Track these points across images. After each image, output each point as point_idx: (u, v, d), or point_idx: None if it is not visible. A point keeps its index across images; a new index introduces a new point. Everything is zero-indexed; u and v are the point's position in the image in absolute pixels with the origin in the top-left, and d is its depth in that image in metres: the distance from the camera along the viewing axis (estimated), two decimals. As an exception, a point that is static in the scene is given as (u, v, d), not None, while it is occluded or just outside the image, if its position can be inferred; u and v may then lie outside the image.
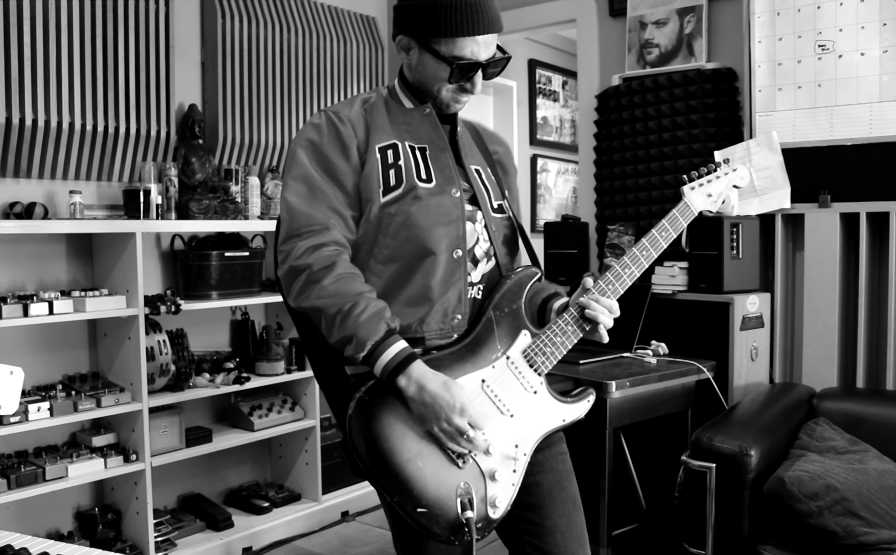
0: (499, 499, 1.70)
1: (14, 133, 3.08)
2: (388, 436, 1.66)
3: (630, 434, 3.05)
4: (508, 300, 1.81)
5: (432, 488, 1.66)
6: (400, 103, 1.87)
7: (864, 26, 3.05)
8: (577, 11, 3.99)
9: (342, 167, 1.76)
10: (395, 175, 1.77)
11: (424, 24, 1.75)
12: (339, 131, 1.78)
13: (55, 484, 3.00)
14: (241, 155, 3.87)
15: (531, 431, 1.76)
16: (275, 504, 3.78)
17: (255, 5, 3.90)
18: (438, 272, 1.76)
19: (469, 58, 1.75)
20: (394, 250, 1.76)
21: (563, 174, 6.41)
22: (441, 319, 1.77)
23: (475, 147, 1.95)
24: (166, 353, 3.30)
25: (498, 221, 1.87)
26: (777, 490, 2.42)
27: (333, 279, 1.68)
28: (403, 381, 1.65)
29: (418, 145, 1.82)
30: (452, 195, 1.80)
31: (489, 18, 1.74)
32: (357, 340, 1.65)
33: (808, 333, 3.20)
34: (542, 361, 1.78)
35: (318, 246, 1.70)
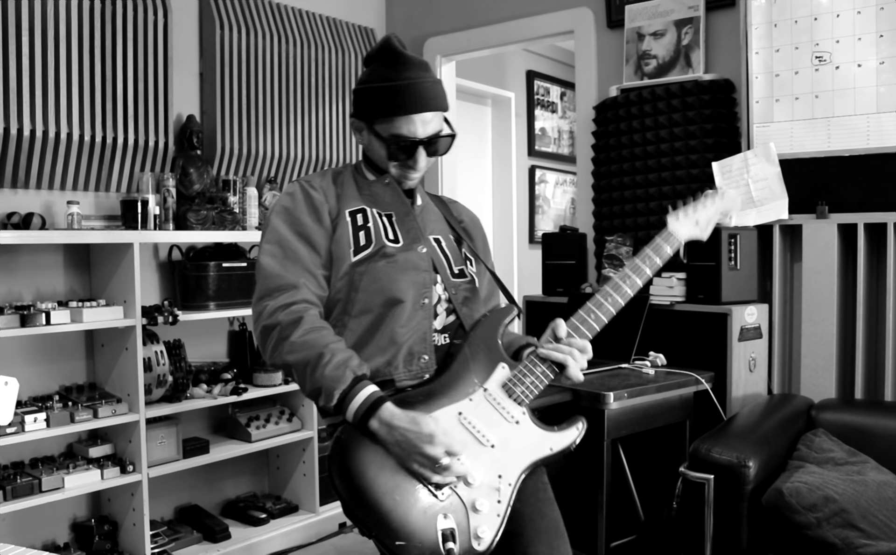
0: (482, 530, 1.68)
1: (12, 143, 3.08)
2: (365, 472, 1.69)
3: (628, 445, 3.05)
4: (484, 336, 1.87)
5: (411, 521, 1.66)
6: (364, 177, 2.02)
7: (861, 38, 3.06)
8: (575, 23, 4.00)
9: (314, 229, 1.89)
10: (364, 236, 1.90)
11: (368, 108, 1.93)
12: (312, 197, 1.92)
13: (51, 495, 2.99)
14: (239, 166, 3.87)
15: (515, 461, 1.76)
16: (272, 515, 3.77)
17: (254, 16, 3.91)
18: (404, 318, 1.86)
19: (407, 136, 1.89)
20: (365, 303, 1.86)
21: (561, 185, 6.41)
22: (407, 361, 1.85)
23: (439, 219, 2.08)
24: (164, 363, 3.29)
25: (458, 284, 1.97)
26: (775, 502, 2.41)
27: (301, 334, 1.76)
28: (375, 423, 1.69)
29: (385, 212, 1.96)
30: (419, 251, 1.93)
31: (424, 98, 1.88)
32: (325, 390, 1.72)
33: (807, 344, 3.19)
34: (522, 392, 1.81)
35: (288, 305, 1.80)
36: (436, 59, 4.52)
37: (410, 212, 1.98)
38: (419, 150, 1.92)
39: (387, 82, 1.89)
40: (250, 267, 3.68)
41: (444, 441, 1.66)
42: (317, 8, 4.27)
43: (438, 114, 1.93)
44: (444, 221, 2.08)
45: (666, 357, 3.09)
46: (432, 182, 4.53)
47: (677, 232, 2.03)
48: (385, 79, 1.90)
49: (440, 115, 1.94)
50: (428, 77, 1.92)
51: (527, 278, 5.91)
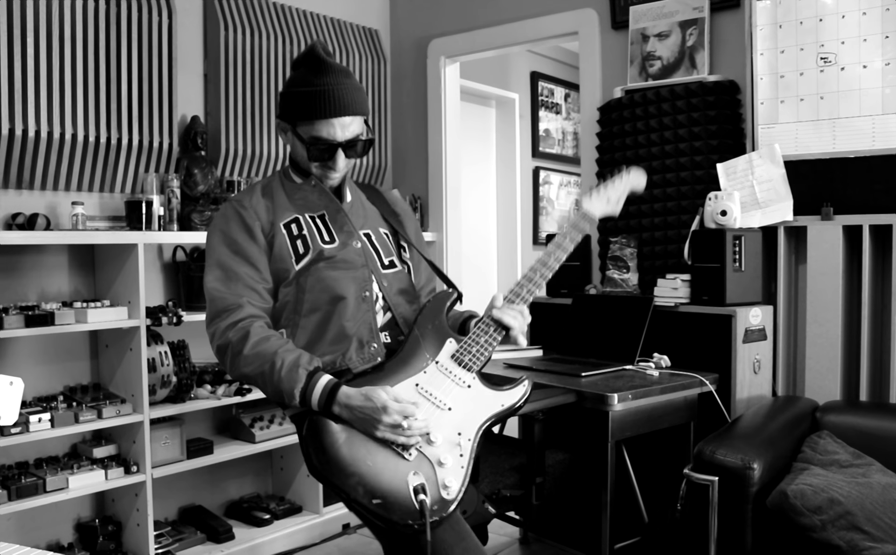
0: (448, 480, 1.84)
1: (17, 144, 3.09)
2: (337, 446, 1.87)
3: (632, 447, 3.04)
4: (430, 318, 2.05)
5: (385, 481, 1.82)
6: (292, 181, 2.16)
7: (867, 39, 3.06)
8: (580, 24, 4.00)
9: (250, 247, 2.04)
10: (302, 244, 2.06)
11: (291, 110, 2.07)
12: (243, 216, 2.06)
13: (56, 495, 2.99)
14: (244, 166, 3.87)
15: (472, 418, 1.93)
16: (276, 516, 3.77)
17: (258, 17, 3.91)
18: (349, 312, 2.04)
19: (325, 138, 2.03)
20: (312, 303, 2.04)
21: (565, 187, 6.41)
22: (358, 350, 2.03)
23: (369, 211, 2.24)
24: (168, 364, 3.30)
25: (390, 276, 2.15)
26: (780, 504, 2.41)
27: (251, 346, 1.93)
28: (336, 409, 1.88)
29: (317, 214, 2.11)
30: (354, 246, 2.10)
31: (342, 103, 2.02)
32: (285, 393, 1.90)
33: (811, 346, 3.19)
34: (471, 359, 1.99)
35: (235, 323, 1.97)
36: (440, 60, 4.52)
37: (340, 209, 2.13)
38: (338, 152, 2.06)
39: (308, 87, 2.02)
40: (254, 268, 3.69)
41: (396, 407, 1.84)
42: (321, 9, 4.27)
43: (357, 118, 2.07)
44: (376, 213, 2.24)
45: (670, 359, 3.09)
46: (437, 184, 4.53)
47: (591, 210, 2.26)
48: (307, 84, 2.03)
49: (360, 119, 2.08)
50: (348, 82, 2.05)
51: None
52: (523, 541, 3.69)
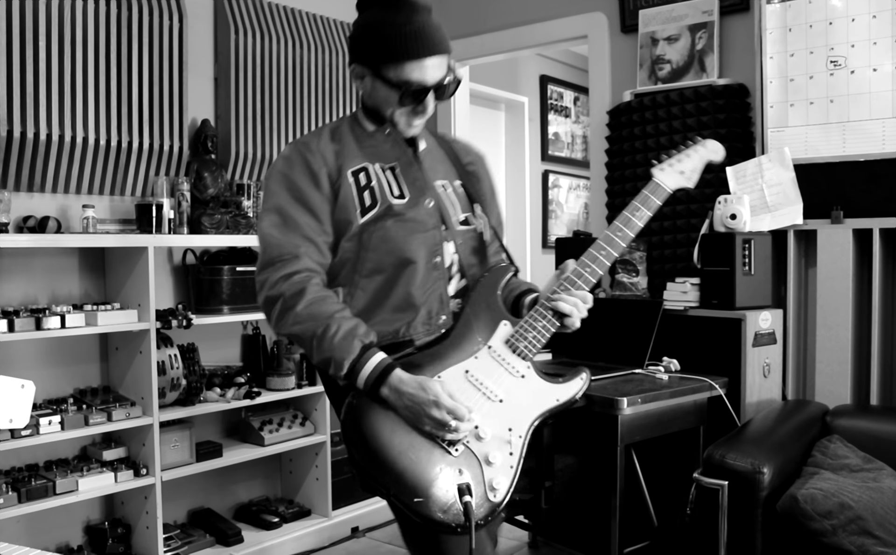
0: (497, 481, 1.73)
1: (28, 147, 3.10)
2: (379, 434, 1.73)
3: (641, 451, 3.03)
4: (484, 296, 1.90)
5: (428, 478, 1.70)
6: (363, 127, 1.97)
7: (877, 42, 3.05)
8: (589, 28, 4.00)
9: (313, 195, 1.86)
10: (369, 196, 1.87)
11: (373, 53, 1.87)
12: (309, 161, 1.88)
13: (65, 498, 3.00)
14: (254, 170, 3.88)
15: (524, 413, 1.80)
16: (285, 520, 3.77)
17: (268, 21, 3.92)
18: (418, 279, 1.87)
19: (416, 81, 1.85)
20: (376, 263, 1.86)
21: (574, 190, 6.40)
22: (426, 321, 1.87)
23: (443, 162, 2.05)
24: (177, 367, 3.31)
25: (463, 233, 1.97)
26: (790, 508, 2.40)
27: (305, 304, 1.77)
28: (385, 391, 1.73)
29: (388, 165, 1.93)
30: (426, 206, 1.91)
31: (433, 42, 1.85)
32: (335, 361, 1.74)
33: (822, 350, 3.17)
34: (525, 346, 1.85)
35: (290, 274, 1.80)
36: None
37: (414, 162, 1.96)
38: (430, 95, 1.89)
39: (394, 27, 1.83)
40: (264, 271, 3.69)
41: (449, 404, 1.70)
42: (331, 13, 4.28)
43: (445, 57, 1.90)
44: (450, 163, 2.06)
45: (679, 363, 3.08)
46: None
47: (664, 182, 2.04)
48: (391, 23, 1.84)
49: (446, 58, 1.91)
50: (433, 20, 1.88)
51: (540, 283, 5.89)
52: (532, 545, 3.68)
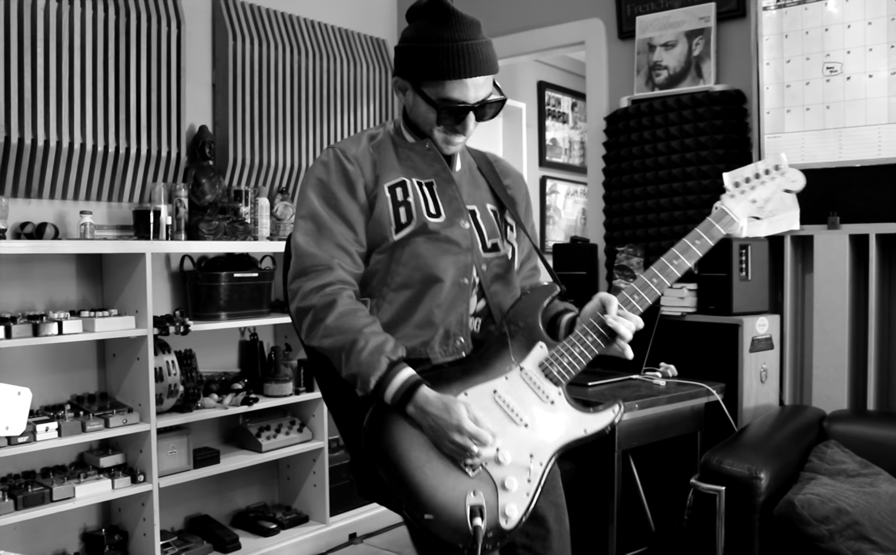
0: (510, 508, 1.69)
1: (26, 153, 3.11)
2: (397, 446, 1.71)
3: (639, 457, 3.03)
4: (523, 315, 1.83)
5: (440, 495, 1.68)
6: (404, 139, 1.93)
7: (872, 49, 3.06)
8: (586, 34, 4.01)
9: (349, 205, 1.83)
10: (405, 212, 1.83)
11: (415, 68, 1.82)
12: (346, 169, 1.84)
13: (62, 505, 3.00)
14: (251, 176, 3.88)
15: (548, 441, 1.75)
16: (282, 526, 3.77)
17: (266, 28, 3.93)
18: (442, 297, 1.83)
19: (457, 100, 1.80)
20: (405, 278, 1.83)
21: (572, 196, 6.41)
22: (443, 342, 1.83)
23: (480, 184, 1.99)
24: (175, 373, 3.30)
25: (489, 260, 1.92)
26: (787, 514, 2.40)
27: (336, 317, 1.74)
28: (411, 408, 1.70)
29: (425, 181, 1.89)
30: (462, 226, 1.87)
31: (477, 61, 1.79)
32: (361, 377, 1.71)
33: (818, 355, 3.18)
34: (559, 371, 1.78)
35: (322, 286, 1.77)
36: (447, 70, 4.53)
37: (452, 180, 1.91)
38: (469, 115, 1.84)
39: (438, 42, 1.78)
40: (262, 277, 3.70)
41: (472, 430, 1.66)
42: (329, 19, 4.29)
43: (490, 77, 1.85)
44: (487, 186, 2.00)
45: (677, 368, 3.08)
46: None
47: (733, 211, 1.90)
48: (436, 38, 1.79)
49: (491, 78, 1.86)
50: (481, 38, 1.83)
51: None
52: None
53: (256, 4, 3.94)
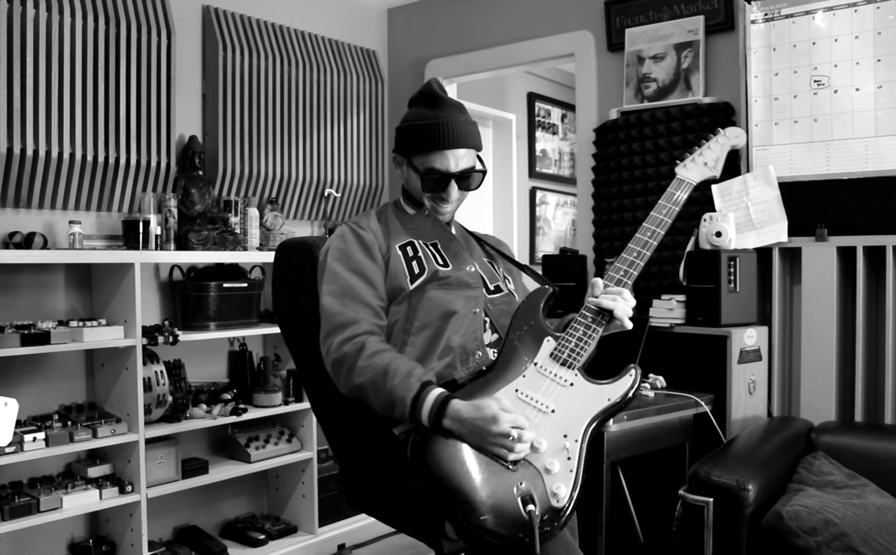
0: (557, 487, 1.76)
1: (15, 163, 3.10)
2: (442, 463, 1.80)
3: (628, 468, 3.04)
4: (525, 319, 2.00)
5: (490, 495, 1.76)
6: (405, 212, 2.21)
7: (859, 62, 3.08)
8: (576, 46, 4.02)
9: (368, 265, 2.05)
10: (417, 265, 2.07)
11: (406, 143, 2.12)
12: (362, 237, 2.09)
13: (49, 515, 2.98)
14: (241, 186, 3.88)
15: (577, 418, 1.85)
16: (271, 536, 3.76)
17: (256, 38, 3.93)
18: (457, 325, 2.02)
19: (438, 169, 2.08)
20: (423, 321, 2.03)
21: (561, 207, 6.43)
22: (463, 360, 2.00)
23: (472, 243, 2.27)
24: (163, 383, 3.29)
25: (494, 300, 2.13)
26: (775, 525, 2.41)
27: (366, 358, 1.91)
28: (447, 423, 1.82)
29: (430, 242, 2.14)
30: (469, 270, 2.12)
31: (455, 136, 2.07)
32: (397, 402, 1.85)
33: (806, 367, 3.19)
34: (570, 355, 1.91)
35: (351, 337, 1.95)
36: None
37: (453, 238, 2.17)
38: (451, 183, 2.10)
39: (424, 120, 2.08)
40: (251, 287, 3.69)
41: (507, 417, 1.78)
42: (319, 30, 4.30)
43: (471, 151, 2.12)
44: (477, 246, 2.27)
45: (665, 379, 3.09)
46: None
47: (687, 177, 2.16)
48: (423, 118, 2.09)
49: (473, 153, 2.13)
50: (462, 117, 2.10)
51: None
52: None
53: (247, 15, 3.95)
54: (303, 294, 2.19)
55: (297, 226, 4.22)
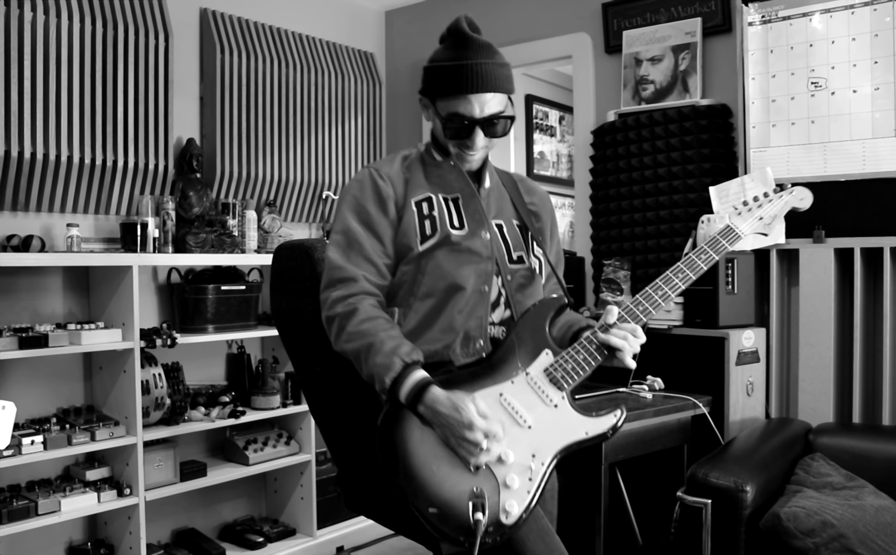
0: (510, 504, 1.75)
1: (12, 166, 3.10)
2: (408, 443, 1.79)
3: (626, 470, 3.04)
4: (530, 324, 1.93)
5: (445, 490, 1.75)
6: (433, 158, 2.08)
7: (856, 64, 3.09)
8: (574, 48, 4.03)
9: (380, 220, 1.97)
10: (430, 225, 1.97)
11: (432, 85, 1.99)
12: (379, 187, 1.99)
13: (47, 518, 2.98)
14: (239, 189, 3.88)
15: (550, 442, 1.81)
16: (269, 539, 3.75)
17: (254, 41, 3.93)
18: (463, 304, 1.94)
19: (462, 115, 1.94)
20: (429, 287, 1.95)
21: (559, 209, 6.43)
22: (464, 345, 1.93)
23: (505, 200, 2.12)
24: (161, 386, 3.29)
25: (514, 270, 2.03)
26: (773, 527, 2.41)
27: (357, 323, 1.87)
28: (422, 408, 1.79)
29: (451, 196, 2.03)
30: (483, 237, 2.00)
31: (481, 79, 1.93)
32: (378, 378, 1.82)
33: (804, 368, 3.20)
34: (563, 376, 1.86)
35: (346, 296, 1.90)
36: (435, 83, 4.55)
37: (476, 195, 2.04)
38: (476, 130, 1.96)
39: (450, 62, 1.95)
40: (249, 290, 3.69)
41: (482, 426, 1.74)
42: (317, 33, 4.30)
43: (499, 95, 1.97)
44: (511, 203, 2.13)
45: (663, 381, 3.09)
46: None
47: (738, 227, 2.05)
48: (449, 58, 1.96)
49: (501, 96, 1.97)
50: (490, 60, 1.96)
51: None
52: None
53: (244, 17, 3.95)
54: (301, 297, 2.18)
55: (294, 228, 4.21)
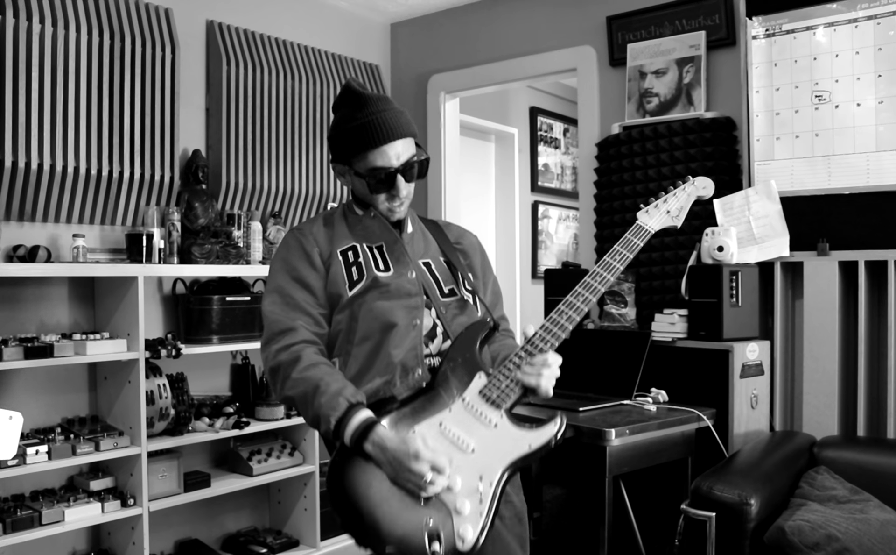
0: (464, 529, 1.76)
1: (19, 176, 3.11)
2: (357, 486, 1.82)
3: (630, 482, 3.04)
4: (461, 350, 1.97)
5: (399, 527, 1.77)
6: (355, 212, 2.14)
7: (860, 77, 3.09)
8: (578, 61, 4.04)
9: (308, 273, 2.04)
10: (356, 271, 2.03)
11: (343, 149, 2.06)
12: (302, 243, 2.07)
13: (51, 528, 2.98)
14: (244, 200, 3.89)
15: (495, 461, 1.82)
16: (273, 550, 3.75)
17: (260, 53, 3.95)
18: (398, 339, 1.98)
19: (381, 166, 2.01)
20: (365, 331, 2.00)
21: (564, 221, 6.44)
22: (402, 377, 1.97)
23: (429, 241, 2.19)
24: (166, 397, 3.30)
25: (447, 303, 2.08)
26: (778, 540, 2.40)
27: (300, 370, 1.92)
28: (368, 446, 1.82)
29: (375, 244, 2.09)
30: (409, 277, 2.05)
31: (389, 128, 2.00)
32: (323, 418, 1.86)
33: (809, 381, 3.19)
34: (499, 395, 1.87)
35: (288, 346, 1.96)
36: (440, 95, 4.56)
37: (399, 240, 2.10)
38: (398, 177, 2.02)
39: (355, 122, 2.01)
40: (254, 301, 3.70)
41: (428, 457, 1.76)
42: (322, 45, 4.32)
43: (407, 140, 2.04)
44: (436, 243, 2.19)
45: (667, 394, 3.09)
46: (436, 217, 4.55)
47: (647, 223, 2.10)
48: (352, 119, 2.02)
49: (409, 141, 2.05)
50: (390, 108, 2.03)
51: (529, 315, 5.91)
52: (521, 576, 3.66)
53: (250, 30, 3.97)
54: (305, 308, 2.19)
55: (299, 239, 4.22)
